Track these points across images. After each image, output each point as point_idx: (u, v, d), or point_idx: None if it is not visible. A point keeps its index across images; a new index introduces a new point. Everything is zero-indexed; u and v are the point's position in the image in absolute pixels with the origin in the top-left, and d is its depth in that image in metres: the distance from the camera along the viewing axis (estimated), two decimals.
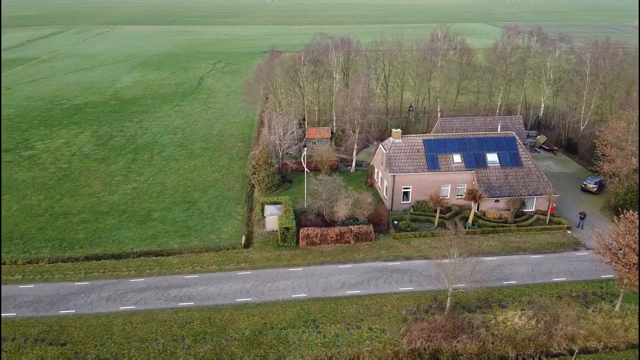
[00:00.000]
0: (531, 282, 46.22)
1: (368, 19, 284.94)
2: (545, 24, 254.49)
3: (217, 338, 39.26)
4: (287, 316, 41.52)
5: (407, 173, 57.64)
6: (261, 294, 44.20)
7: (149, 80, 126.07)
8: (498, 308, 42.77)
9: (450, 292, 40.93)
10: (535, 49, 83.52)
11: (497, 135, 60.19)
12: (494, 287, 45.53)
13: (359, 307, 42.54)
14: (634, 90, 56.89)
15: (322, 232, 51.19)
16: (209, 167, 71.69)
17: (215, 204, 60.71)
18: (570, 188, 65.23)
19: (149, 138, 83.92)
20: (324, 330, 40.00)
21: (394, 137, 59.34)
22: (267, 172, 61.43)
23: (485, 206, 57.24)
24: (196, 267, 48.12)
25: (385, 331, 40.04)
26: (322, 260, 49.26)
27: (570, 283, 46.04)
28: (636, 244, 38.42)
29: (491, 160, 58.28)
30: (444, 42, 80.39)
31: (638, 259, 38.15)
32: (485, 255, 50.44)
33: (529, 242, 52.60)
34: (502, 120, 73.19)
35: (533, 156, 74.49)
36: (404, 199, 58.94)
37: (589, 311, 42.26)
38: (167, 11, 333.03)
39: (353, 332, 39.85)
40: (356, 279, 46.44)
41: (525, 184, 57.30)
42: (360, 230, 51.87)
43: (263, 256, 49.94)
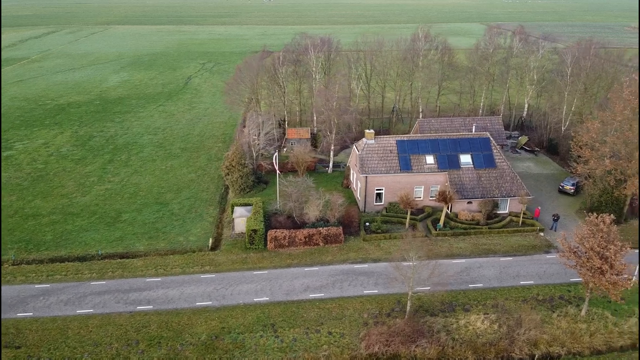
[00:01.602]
0: (498, 285, 45.51)
1: (364, 19, 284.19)
2: (540, 24, 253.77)
3: (172, 343, 38.62)
4: (247, 320, 40.87)
5: (379, 174, 56.95)
6: (222, 298, 43.54)
7: (136, 80, 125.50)
8: (461, 312, 42.07)
9: (410, 296, 40.22)
10: (517, 49, 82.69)
11: (471, 136, 59.48)
12: (460, 290, 44.86)
13: (320, 311, 41.88)
14: (611, 90, 56.06)
15: (290, 234, 50.51)
16: (186, 168, 71.05)
17: (187, 206, 60.06)
18: (547, 189, 64.51)
19: (128, 138, 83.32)
20: (282, 335, 39.34)
21: (366, 138, 58.67)
22: (241, 173, 60.79)
23: (458, 208, 56.54)
24: (159, 270, 47.49)
25: (345, 335, 39.39)
26: (289, 263, 48.59)
27: (537, 286, 45.32)
28: (600, 248, 37.67)
29: (464, 162, 57.56)
30: (425, 42, 79.57)
31: (602, 263, 37.40)
32: (454, 257, 49.91)
33: (499, 245, 51.89)
34: (481, 120, 72.52)
35: (514, 157, 74.12)
36: (377, 200, 58.26)
37: (553, 315, 41.56)
38: (164, 11, 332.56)
39: (312, 337, 39.18)
40: (321, 282, 45.76)
41: (498, 185, 56.59)
42: (330, 232, 51.20)
43: (229, 259, 49.28)
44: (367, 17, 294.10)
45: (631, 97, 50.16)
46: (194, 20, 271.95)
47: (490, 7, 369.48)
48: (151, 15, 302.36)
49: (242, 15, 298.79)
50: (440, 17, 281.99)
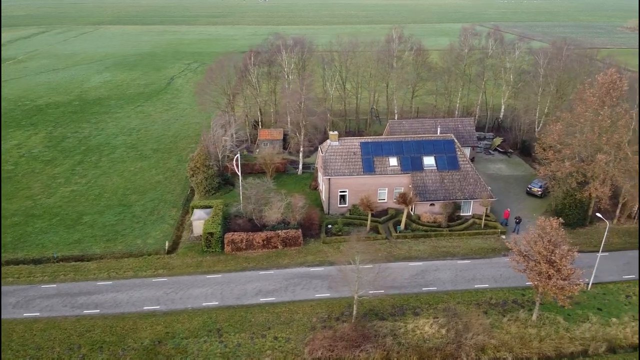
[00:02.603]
0: (452, 289, 45.04)
1: (357, 19, 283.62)
2: (534, 24, 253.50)
3: (114, 347, 38.14)
4: (192, 325, 40.38)
5: (342, 176, 56.46)
6: (171, 302, 43.05)
7: (119, 81, 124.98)
8: (411, 316, 41.56)
9: (355, 300, 39.73)
10: (493, 50, 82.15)
11: (436, 138, 58.99)
12: (412, 293, 44.39)
13: (269, 315, 41.40)
14: (575, 92, 55.56)
15: (247, 237, 50.02)
16: (155, 170, 70.55)
17: (150, 208, 59.57)
18: (516, 191, 64.02)
19: (102, 139, 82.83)
20: (226, 340, 38.86)
21: (330, 139, 58.17)
22: (206, 175, 60.30)
23: (421, 210, 56.05)
24: (112, 273, 46.99)
25: (291, 340, 38.92)
26: (245, 267, 48.11)
27: (492, 290, 44.86)
28: (547, 252, 37.18)
29: (428, 164, 57.07)
30: (399, 43, 79.02)
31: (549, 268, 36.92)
32: (412, 260, 49.49)
33: (459, 247, 51.42)
34: (453, 122, 72.08)
35: (487, 158, 73.70)
36: (341, 202, 57.77)
37: (504, 320, 41.09)
38: (158, 11, 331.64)
39: (256, 342, 38.71)
40: (274, 285, 45.27)
41: (461, 187, 56.09)
42: (288, 235, 50.72)
43: (184, 262, 48.80)
44: (360, 17, 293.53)
45: (592, 98, 49.64)
46: (186, 20, 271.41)
47: (486, 7, 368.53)
48: (143, 15, 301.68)
49: (235, 16, 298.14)
50: (434, 18, 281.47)
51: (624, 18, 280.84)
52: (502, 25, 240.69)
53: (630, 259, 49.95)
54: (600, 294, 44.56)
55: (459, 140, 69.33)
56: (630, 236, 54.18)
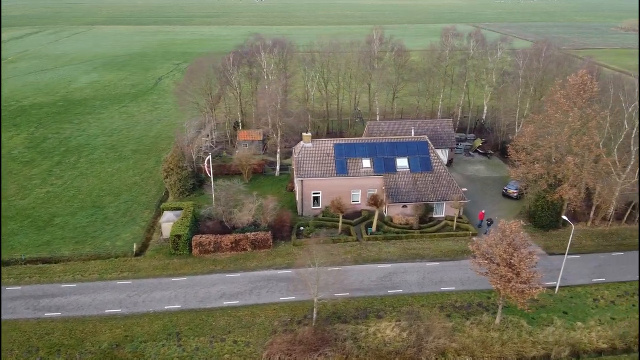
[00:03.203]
0: (418, 291, 44.72)
1: (352, 19, 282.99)
2: (528, 24, 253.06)
3: (72, 351, 37.88)
4: (153, 329, 40.09)
5: (315, 178, 56.16)
6: (133, 305, 42.74)
7: (106, 81, 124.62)
8: (374, 319, 41.24)
9: (315, 303, 39.46)
10: (474, 51, 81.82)
11: (409, 139, 58.69)
12: (377, 296, 44.10)
13: (230, 319, 41.11)
14: (547, 93, 55.23)
15: (215, 239, 49.70)
16: (132, 171, 70.25)
17: (123, 209, 59.27)
18: (492, 193, 63.70)
19: (82, 140, 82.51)
20: (185, 344, 38.56)
21: (304, 141, 57.88)
22: (179, 176, 60.01)
23: (393, 212, 55.74)
24: (77, 275, 46.70)
25: (250, 344, 38.64)
26: (212, 269, 47.81)
27: (457, 293, 44.56)
28: (507, 255, 36.86)
29: (401, 165, 56.76)
30: (380, 44, 78.67)
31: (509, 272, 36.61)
32: (381, 262, 49.19)
33: (429, 249, 51.11)
34: (432, 123, 71.79)
35: (466, 160, 73.42)
36: (315, 204, 57.46)
37: (467, 323, 40.80)
38: (153, 11, 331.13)
39: (215, 346, 38.41)
40: (239, 288, 44.97)
41: (434, 189, 55.78)
42: (257, 237, 50.40)
43: (151, 265, 48.49)
44: (355, 17, 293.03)
45: (562, 99, 49.32)
46: (180, 20, 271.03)
47: (482, 7, 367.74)
48: (138, 15, 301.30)
49: (230, 16, 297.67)
50: (429, 18, 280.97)
51: (620, 18, 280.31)
52: (496, 26, 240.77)
53: (601, 261, 49.65)
54: (568, 297, 44.25)
55: (437, 141, 69.39)
56: (604, 239, 53.88)
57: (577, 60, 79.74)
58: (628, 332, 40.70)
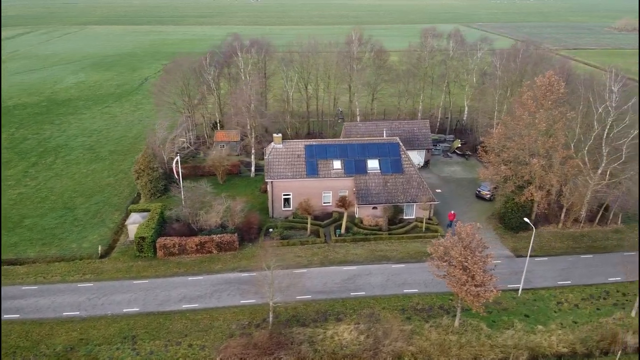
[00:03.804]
0: (380, 294, 44.40)
1: (346, 19, 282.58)
2: (522, 25, 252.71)
3: (26, 353, 37.57)
4: (109, 332, 39.76)
5: (285, 179, 55.86)
6: (92, 308, 42.43)
7: (92, 81, 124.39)
8: (334, 322, 40.91)
9: (271, 307, 39.16)
10: (453, 51, 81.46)
11: (381, 141, 58.37)
12: (339, 298, 43.78)
13: (188, 322, 40.78)
14: (519, 93, 54.86)
15: (180, 242, 49.37)
16: (107, 172, 69.97)
17: (93, 211, 58.97)
18: (467, 194, 63.39)
19: (61, 141, 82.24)
20: (140, 347, 38.24)
21: (274, 142, 57.56)
22: (150, 177, 59.71)
23: (364, 213, 55.43)
24: (39, 277, 46.39)
25: (206, 348, 38.31)
26: (175, 272, 47.48)
27: (420, 295, 44.24)
28: (462, 257, 36.54)
29: (372, 167, 56.45)
30: (359, 45, 78.31)
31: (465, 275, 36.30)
32: (347, 264, 48.90)
33: (397, 251, 50.79)
34: (408, 124, 71.52)
35: (444, 161, 73.14)
36: (285, 205, 57.14)
37: (426, 326, 40.46)
38: (148, 11, 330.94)
39: (170, 349, 38.09)
40: (200, 291, 44.64)
41: (404, 190, 55.47)
42: (223, 240, 50.07)
43: (114, 267, 48.17)
44: (349, 17, 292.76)
45: (529, 101, 48.99)
46: (174, 20, 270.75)
47: (478, 8, 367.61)
48: (132, 15, 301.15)
49: (224, 16, 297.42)
50: (424, 18, 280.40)
51: (616, 19, 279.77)
52: (489, 26, 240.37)
53: (569, 264, 49.34)
54: (531, 300, 43.92)
55: (414, 143, 69.15)
56: (575, 241, 53.55)
57: (556, 61, 79.30)
58: (590, 336, 40.32)
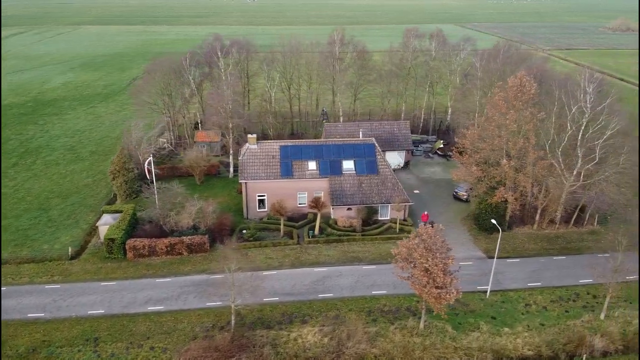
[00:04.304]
0: (348, 295, 44.20)
1: (342, 19, 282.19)
2: (516, 25, 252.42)
3: None
4: (72, 334, 39.56)
5: (260, 180, 55.62)
6: (57, 310, 42.20)
7: (80, 82, 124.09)
8: (299, 324, 40.68)
9: (232, 309, 38.95)
10: (435, 52, 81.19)
11: (356, 142, 58.12)
12: (307, 300, 43.59)
13: (152, 325, 40.57)
14: (492, 94, 54.64)
15: (150, 243, 49.12)
16: (86, 172, 69.74)
17: (68, 212, 58.74)
18: (445, 195, 63.15)
19: (43, 141, 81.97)
20: (101, 350, 38.04)
21: (249, 142, 57.32)
22: (125, 178, 59.46)
23: (338, 214, 55.21)
24: (8, 279, 46.19)
25: (167, 350, 38.10)
26: (143, 274, 47.24)
27: (387, 297, 44.03)
28: (423, 259, 36.31)
29: (347, 168, 56.22)
30: (341, 45, 78.05)
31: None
32: (318, 265, 48.71)
33: (369, 252, 50.56)
34: (389, 125, 71.29)
35: (425, 162, 72.91)
36: (260, 206, 56.90)
37: (391, 328, 40.23)
38: (143, 11, 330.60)
39: (131, 352, 37.88)
40: (167, 293, 44.41)
41: (379, 191, 55.24)
42: (193, 241, 49.82)
43: (84, 269, 47.95)
44: (345, 17, 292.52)
45: (501, 101, 48.77)
46: (168, 20, 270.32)
47: (474, 8, 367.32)
48: (128, 15, 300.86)
49: (220, 16, 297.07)
50: (420, 18, 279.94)
51: (612, 19, 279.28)
52: (484, 26, 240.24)
53: (541, 265, 49.13)
54: (499, 302, 43.72)
55: (394, 143, 68.97)
56: (549, 242, 53.34)
57: (535, 61, 79.04)
58: (556, 339, 40.15)
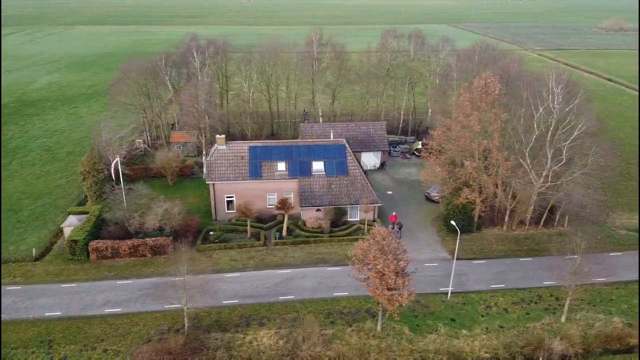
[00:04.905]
0: (309, 297, 43.93)
1: (336, 19, 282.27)
2: (509, 25, 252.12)
3: None
4: (27, 335, 39.30)
5: (228, 181, 55.35)
6: (15, 312, 41.93)
7: (65, 82, 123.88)
8: (256, 327, 40.41)
9: (185, 312, 38.67)
10: (414, 52, 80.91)
11: (327, 142, 57.86)
12: (267, 303, 43.25)
13: (107, 327, 40.28)
14: (459, 95, 54.41)
15: (113, 245, 48.84)
16: (60, 173, 69.49)
17: (38, 213, 58.47)
18: (418, 196, 62.89)
19: (21, 142, 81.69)
20: (55, 352, 37.80)
21: (217, 143, 57.04)
22: (95, 179, 59.18)
23: (307, 215, 54.95)
24: None
25: (120, 353, 37.85)
26: (105, 276, 46.95)
27: (348, 298, 43.77)
28: (375, 261, 36.03)
29: (316, 169, 55.93)
30: (318, 46, 77.78)
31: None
32: (283, 267, 48.38)
33: (335, 254, 50.29)
34: (365, 126, 71.05)
35: (401, 162, 72.70)
36: (229, 208, 56.62)
37: (347, 330, 39.93)
38: (139, 11, 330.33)
39: (84, 354, 37.63)
40: (126, 296, 44.12)
41: (348, 192, 54.98)
42: (157, 243, 49.53)
43: (46, 270, 47.67)
44: (340, 17, 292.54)
45: (465, 102, 48.51)
46: (162, 20, 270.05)
47: (469, 8, 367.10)
48: (122, 15, 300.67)
49: (215, 16, 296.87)
50: (415, 19, 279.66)
51: (603, 18, 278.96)
52: (476, 27, 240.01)
53: (506, 267, 48.87)
54: (460, 304, 43.44)
55: (369, 144, 68.76)
56: (517, 244, 53.08)
57: (510, 61, 78.64)
58: (515, 341, 39.84)
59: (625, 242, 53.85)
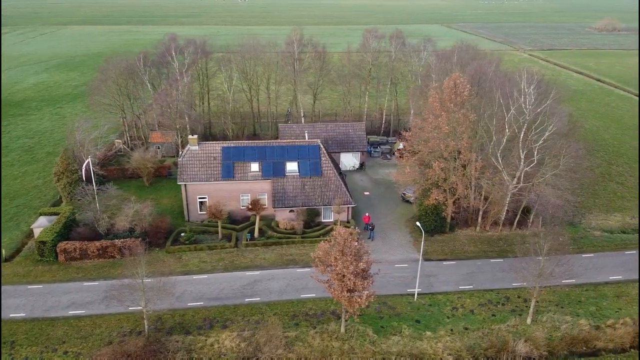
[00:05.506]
0: (276, 299, 43.74)
1: (330, 19, 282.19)
2: (502, 25, 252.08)
3: None
4: None
5: (200, 182, 55.15)
6: None
7: (52, 82, 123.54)
8: (219, 329, 40.20)
9: (145, 314, 38.47)
10: (395, 53, 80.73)
11: (301, 143, 57.67)
12: (232, 305, 43.07)
13: (69, 329, 40.09)
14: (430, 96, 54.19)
15: (81, 246, 48.60)
16: (38, 174, 69.25)
17: (11, 214, 58.23)
18: (395, 197, 62.70)
19: (2, 142, 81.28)
20: (16, 353, 37.63)
21: (190, 143, 56.83)
22: (69, 180, 58.85)
23: (280, 216, 54.76)
24: None
25: (81, 355, 37.67)
26: (73, 277, 46.74)
27: (315, 300, 43.62)
28: (335, 262, 35.86)
29: (290, 169, 55.73)
30: (299, 46, 77.57)
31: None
32: (252, 269, 48.15)
33: (306, 255, 49.87)
34: (344, 126, 70.89)
35: (381, 163, 72.53)
36: (202, 209, 56.42)
37: (311, 332, 39.75)
38: (135, 10, 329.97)
39: (45, 356, 37.45)
40: (91, 297, 43.91)
41: (321, 193, 54.80)
42: (126, 244, 49.25)
43: (14, 271, 47.44)
44: (333, 17, 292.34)
45: (436, 103, 48.36)
46: (155, 20, 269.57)
47: (464, 8, 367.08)
48: (117, 15, 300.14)
49: (207, 16, 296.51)
50: (409, 19, 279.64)
51: (597, 18, 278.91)
52: (469, 27, 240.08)
53: (476, 268, 48.74)
54: (426, 305, 43.28)
55: (349, 145, 68.64)
56: (489, 244, 52.96)
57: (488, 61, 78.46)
58: (478, 343, 39.71)
59: (598, 243, 53.80)
